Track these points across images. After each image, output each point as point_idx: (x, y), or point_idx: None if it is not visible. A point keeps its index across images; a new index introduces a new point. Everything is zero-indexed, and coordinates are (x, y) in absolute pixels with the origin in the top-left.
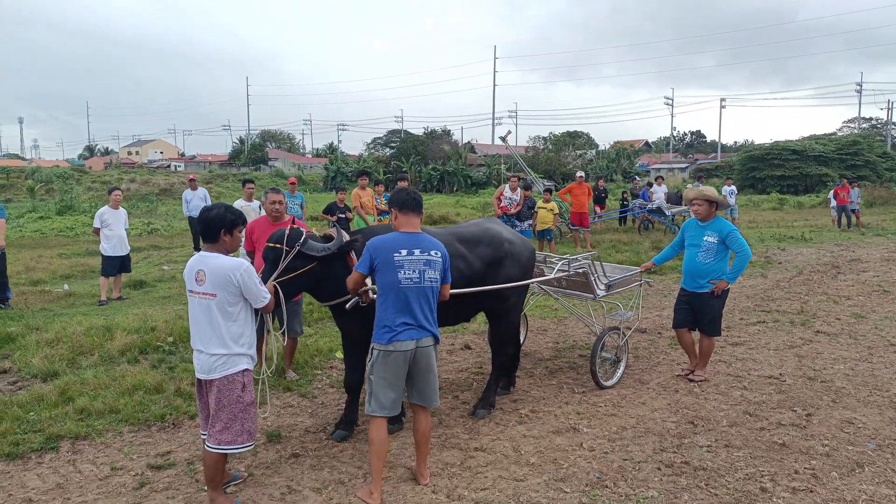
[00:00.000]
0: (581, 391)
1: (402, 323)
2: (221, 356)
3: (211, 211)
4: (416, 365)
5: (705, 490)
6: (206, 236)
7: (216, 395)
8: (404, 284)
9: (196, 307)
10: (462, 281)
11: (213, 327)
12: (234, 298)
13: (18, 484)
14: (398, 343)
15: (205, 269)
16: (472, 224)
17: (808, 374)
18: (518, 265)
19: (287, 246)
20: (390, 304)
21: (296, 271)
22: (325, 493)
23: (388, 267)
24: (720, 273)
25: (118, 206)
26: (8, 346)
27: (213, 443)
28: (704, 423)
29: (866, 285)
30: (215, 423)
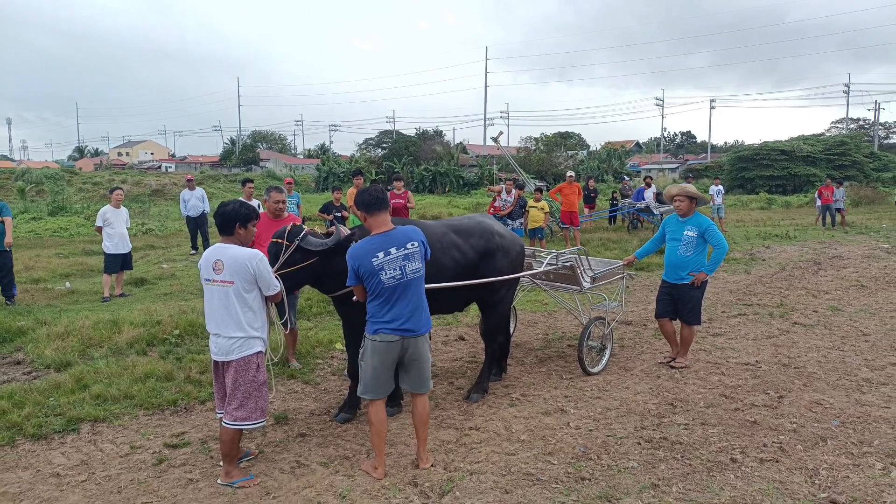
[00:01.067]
0: (569, 377)
1: (389, 319)
2: (238, 339)
3: (227, 206)
4: (406, 354)
5: (681, 461)
6: (222, 229)
7: (233, 376)
8: (388, 284)
9: (213, 295)
10: (457, 270)
11: (230, 313)
12: (249, 286)
13: (45, 461)
14: (383, 335)
15: (222, 258)
16: (464, 217)
17: (782, 361)
18: (508, 258)
19: (287, 241)
20: (377, 301)
21: (296, 265)
22: (332, 467)
23: (370, 272)
24: (699, 265)
25: (120, 205)
26: (20, 339)
27: (230, 420)
28: (683, 404)
29: (845, 280)
30: (231, 402)
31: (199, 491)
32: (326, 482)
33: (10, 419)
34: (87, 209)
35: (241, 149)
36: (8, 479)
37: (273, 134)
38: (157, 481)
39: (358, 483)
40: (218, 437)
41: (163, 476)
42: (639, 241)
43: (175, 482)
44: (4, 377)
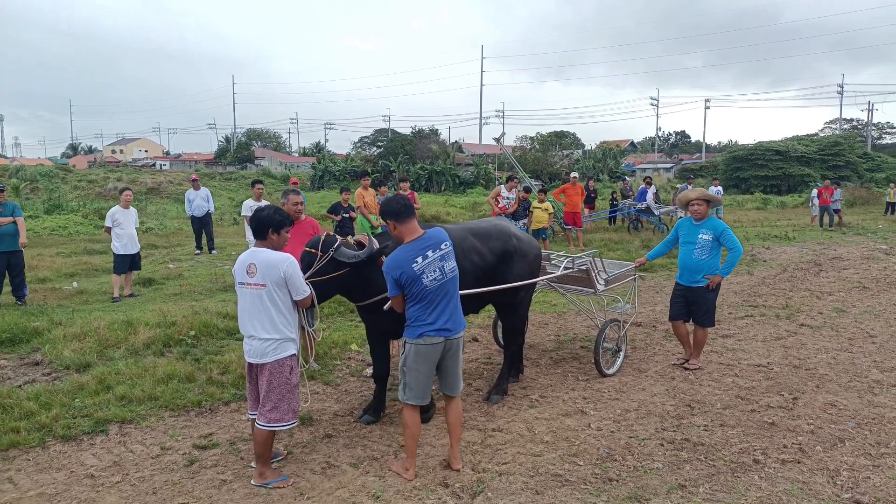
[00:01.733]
0: (584, 379)
1: (432, 321)
2: (273, 341)
3: (262, 211)
4: (446, 355)
5: (704, 462)
6: (256, 233)
7: (267, 378)
8: (431, 287)
9: (247, 297)
10: (477, 273)
11: (264, 315)
12: (280, 289)
13: (77, 462)
14: (427, 338)
15: (255, 262)
16: (482, 221)
17: (793, 362)
18: (525, 261)
19: (321, 251)
20: (419, 305)
21: (328, 275)
22: (362, 468)
23: (413, 279)
24: (714, 268)
25: (129, 206)
26: (36, 340)
27: (264, 421)
28: (700, 405)
29: (847, 282)
30: (266, 403)
31: (233, 492)
32: (358, 483)
33: (39, 420)
34: (84, 207)
35: (235, 147)
36: (43, 480)
37: (268, 132)
38: (190, 482)
39: (390, 484)
40: (246, 438)
41: (196, 477)
42: (640, 242)
43: (209, 483)
44: (25, 378)
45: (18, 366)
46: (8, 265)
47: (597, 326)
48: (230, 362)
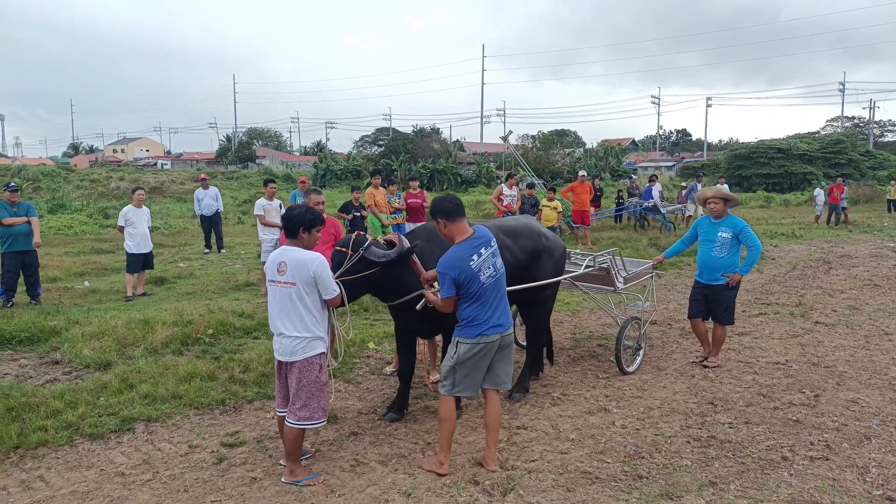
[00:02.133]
0: (605, 377)
1: (488, 319)
2: (302, 339)
3: (294, 210)
4: (499, 353)
5: (733, 459)
6: (287, 232)
7: (297, 376)
8: (487, 284)
9: (277, 295)
10: (508, 272)
11: (293, 314)
12: (310, 288)
13: (106, 460)
14: (485, 337)
15: (286, 260)
16: (510, 219)
17: (811, 360)
18: (552, 259)
19: (352, 250)
20: (476, 303)
21: (358, 274)
22: (390, 466)
23: (471, 277)
24: (733, 266)
25: (141, 205)
26: (54, 339)
27: (294, 419)
28: (723, 403)
29: (858, 279)
30: (295, 402)
31: (264, 489)
32: (388, 480)
33: (66, 419)
34: (88, 206)
35: (237, 146)
36: (74, 479)
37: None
38: (221, 480)
39: (420, 481)
40: (272, 436)
41: (226, 475)
42: (648, 240)
43: (239, 481)
44: (47, 377)
45: (38, 364)
46: (22, 265)
47: (616, 324)
48: (250, 360)
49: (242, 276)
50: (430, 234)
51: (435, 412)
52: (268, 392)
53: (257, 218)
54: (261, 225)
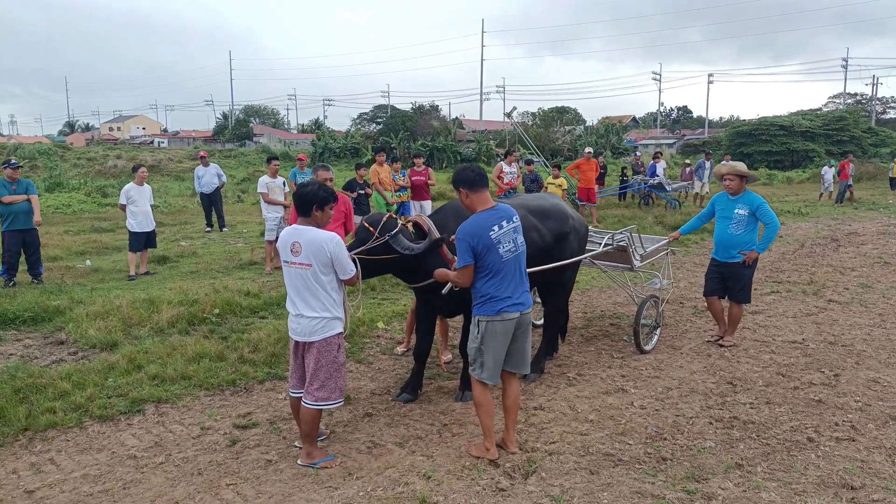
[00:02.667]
0: (620, 356)
1: (507, 296)
2: (320, 319)
3: (306, 188)
4: (518, 331)
5: (757, 440)
6: (299, 210)
7: (315, 356)
8: (506, 258)
9: (293, 276)
10: (536, 253)
11: (310, 294)
12: (326, 268)
13: (117, 442)
14: (506, 314)
15: (300, 241)
16: (535, 197)
17: (828, 338)
18: (577, 239)
19: (379, 233)
20: (494, 279)
21: (377, 255)
22: (407, 447)
23: (489, 247)
24: (750, 244)
25: (143, 183)
26: (58, 319)
27: (311, 400)
28: (742, 383)
29: (867, 257)
30: (313, 382)
31: (280, 472)
32: (407, 462)
33: (74, 400)
34: (86, 185)
35: (234, 124)
36: (85, 462)
37: (266, 108)
38: (235, 462)
39: (439, 463)
40: (285, 417)
41: (240, 457)
42: (654, 218)
43: (254, 463)
44: (52, 357)
45: (43, 345)
46: (23, 243)
47: (633, 303)
48: (259, 340)
49: (246, 255)
50: (456, 211)
51: (449, 393)
52: (278, 372)
53: (261, 196)
54: (264, 203)
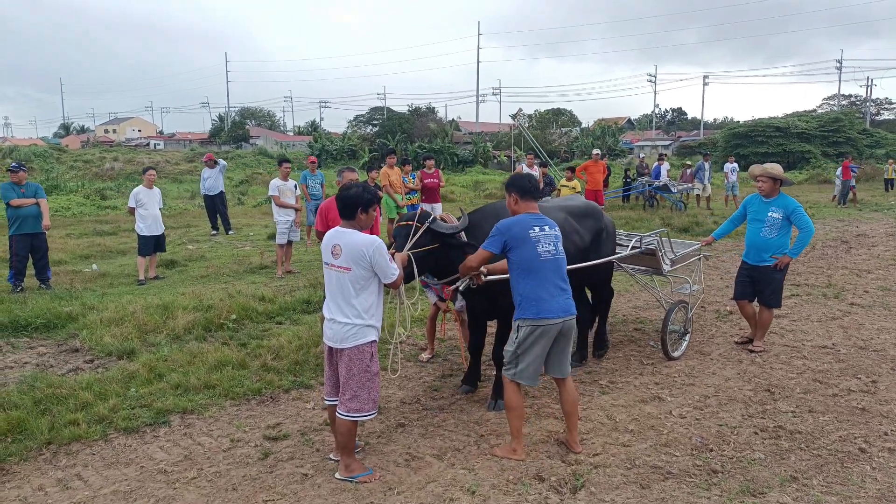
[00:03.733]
0: (649, 363)
1: (548, 299)
2: (353, 326)
3: (351, 190)
4: (560, 338)
5: (808, 451)
6: (344, 213)
7: (346, 364)
8: (544, 258)
9: (332, 279)
10: (577, 255)
11: (345, 299)
12: (366, 273)
13: (145, 456)
14: (546, 319)
15: (341, 244)
16: (569, 198)
17: (857, 343)
18: (611, 238)
19: (418, 223)
20: (532, 278)
21: (424, 247)
22: (447, 460)
23: (525, 243)
24: (783, 248)
25: (152, 186)
26: (71, 326)
27: (344, 410)
28: (780, 390)
29: (881, 259)
30: (346, 392)
31: (318, 487)
32: (448, 476)
33: (97, 412)
34: (84, 187)
35: (230, 126)
36: (113, 477)
37: (262, 110)
38: (270, 477)
39: (482, 477)
40: (316, 428)
41: (274, 471)
42: (660, 220)
43: (289, 478)
44: (69, 366)
45: (57, 353)
46: (31, 248)
47: (663, 307)
48: (280, 347)
49: (255, 259)
50: (496, 212)
51: (480, 402)
52: (304, 381)
53: (272, 199)
54: (275, 206)
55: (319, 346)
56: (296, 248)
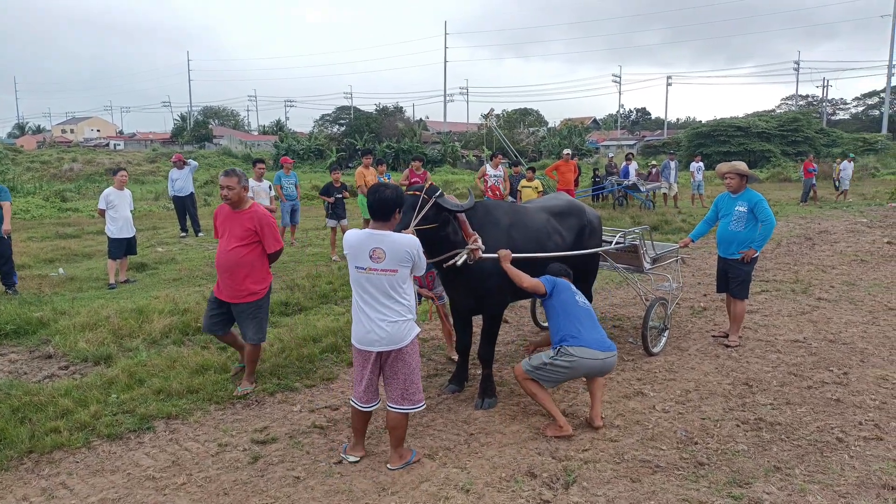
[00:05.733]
0: (630, 359)
1: (592, 335)
2: (406, 322)
3: (385, 192)
4: (600, 370)
5: (788, 442)
6: (377, 215)
7: (405, 361)
8: (581, 305)
9: (374, 282)
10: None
11: (393, 298)
12: (408, 270)
13: (131, 463)
14: (597, 352)
15: (383, 247)
16: (551, 198)
17: (827, 337)
18: (596, 233)
19: (426, 195)
20: (577, 317)
21: (430, 224)
22: (438, 459)
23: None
24: (750, 241)
25: (123, 187)
26: (43, 331)
27: (399, 406)
28: (757, 383)
29: (844, 255)
30: (399, 388)
31: (311, 489)
32: (441, 475)
33: (79, 419)
34: (42, 189)
35: (192, 125)
36: (100, 485)
37: (225, 110)
38: (261, 481)
39: (475, 475)
40: (304, 431)
41: (265, 475)
42: (630, 219)
43: (281, 481)
44: (43, 373)
45: (30, 359)
46: None
47: (643, 303)
48: (262, 350)
49: None
50: (486, 209)
51: (467, 401)
52: (288, 383)
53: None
54: None
55: (302, 348)
56: None
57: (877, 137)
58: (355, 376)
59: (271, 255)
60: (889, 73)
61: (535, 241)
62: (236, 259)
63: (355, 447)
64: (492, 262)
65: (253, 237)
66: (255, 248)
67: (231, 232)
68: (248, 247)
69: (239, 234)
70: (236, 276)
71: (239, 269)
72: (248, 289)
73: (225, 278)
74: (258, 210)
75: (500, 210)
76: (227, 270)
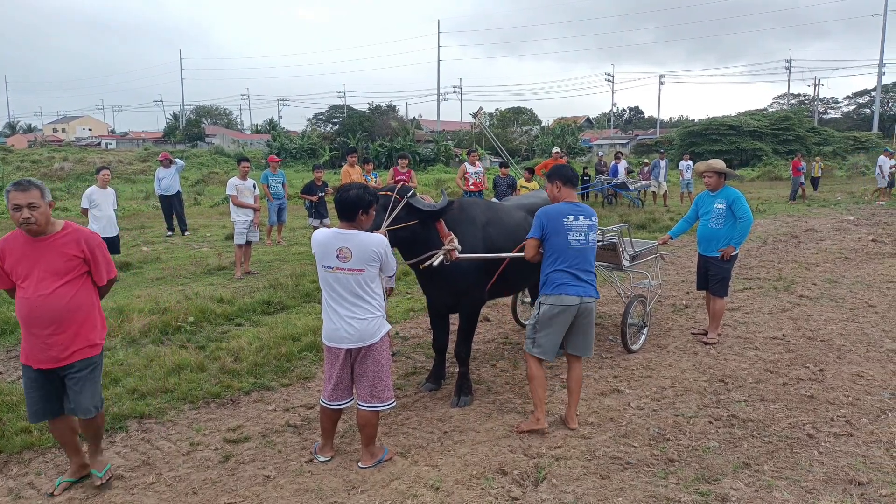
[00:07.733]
0: (608, 356)
1: (569, 281)
2: (375, 319)
3: (350, 192)
4: (580, 318)
5: (759, 438)
6: (343, 215)
7: (374, 358)
8: (573, 246)
9: (342, 282)
10: None
11: (360, 296)
12: (376, 270)
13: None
14: (566, 297)
15: (349, 246)
16: (530, 196)
17: (806, 334)
18: None
19: (398, 195)
20: (558, 262)
21: (402, 224)
22: (410, 458)
23: (559, 231)
24: (729, 238)
25: (107, 186)
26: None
27: (368, 403)
28: (733, 380)
29: (828, 253)
30: (367, 386)
31: (281, 488)
32: (412, 473)
33: None
34: None
35: (185, 124)
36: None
37: (218, 108)
38: (231, 480)
39: (446, 473)
40: (278, 430)
41: (235, 474)
42: (619, 217)
43: (251, 480)
44: (18, 372)
45: (6, 359)
46: None
47: (623, 301)
48: (240, 349)
49: (213, 260)
50: (461, 206)
51: (443, 399)
52: (264, 383)
53: (230, 198)
54: (233, 206)
55: (280, 347)
56: (255, 249)
57: (868, 136)
58: (325, 374)
59: (103, 287)
60: (880, 72)
61: (512, 238)
62: (62, 305)
63: (324, 448)
64: (468, 261)
65: (80, 268)
66: (84, 283)
67: (44, 269)
68: (75, 282)
69: (58, 268)
70: (66, 329)
71: (70, 318)
72: (86, 339)
73: (46, 336)
74: (79, 229)
75: (477, 208)
76: (51, 323)
